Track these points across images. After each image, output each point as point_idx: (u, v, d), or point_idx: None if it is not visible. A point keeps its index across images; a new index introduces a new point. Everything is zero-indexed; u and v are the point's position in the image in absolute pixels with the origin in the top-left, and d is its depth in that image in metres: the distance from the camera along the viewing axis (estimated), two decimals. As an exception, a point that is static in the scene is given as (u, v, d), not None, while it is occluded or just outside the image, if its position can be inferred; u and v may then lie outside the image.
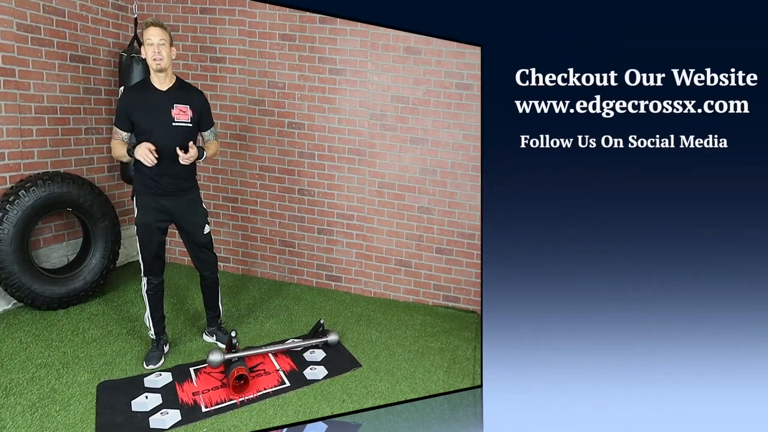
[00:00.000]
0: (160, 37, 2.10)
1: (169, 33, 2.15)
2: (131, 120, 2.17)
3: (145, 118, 2.15)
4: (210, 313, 2.59)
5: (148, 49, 2.11)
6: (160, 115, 2.17)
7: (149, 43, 2.10)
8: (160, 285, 2.37)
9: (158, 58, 2.10)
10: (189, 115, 2.22)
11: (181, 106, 2.21)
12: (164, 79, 2.19)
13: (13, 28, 2.67)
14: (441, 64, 3.08)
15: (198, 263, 2.45)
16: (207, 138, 2.38)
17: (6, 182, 2.69)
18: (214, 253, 2.48)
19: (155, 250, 2.29)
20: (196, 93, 2.30)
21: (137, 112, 2.16)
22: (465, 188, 3.17)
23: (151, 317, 2.37)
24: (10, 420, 1.85)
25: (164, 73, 2.17)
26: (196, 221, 2.35)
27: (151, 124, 2.15)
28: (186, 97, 2.24)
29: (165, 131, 2.17)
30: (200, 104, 2.28)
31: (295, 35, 3.26)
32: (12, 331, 2.52)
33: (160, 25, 2.12)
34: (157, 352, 2.37)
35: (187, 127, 2.23)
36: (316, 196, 3.41)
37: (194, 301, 3.04)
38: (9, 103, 2.69)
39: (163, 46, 2.11)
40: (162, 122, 2.17)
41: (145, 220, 2.25)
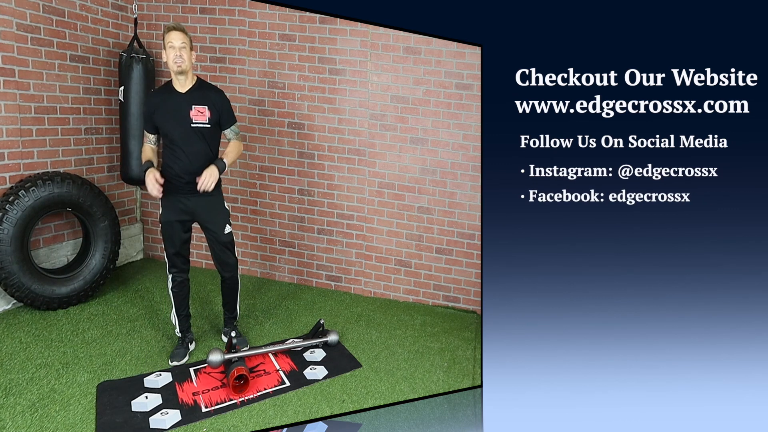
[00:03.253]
0: (182, 40, 2.16)
1: (189, 36, 2.21)
2: (154, 122, 2.24)
3: (165, 121, 2.22)
4: (227, 314, 2.61)
5: (169, 53, 2.16)
6: (179, 117, 2.22)
7: (171, 47, 2.15)
8: (184, 282, 2.41)
9: (179, 61, 2.16)
10: (207, 116, 2.26)
11: (199, 107, 2.25)
12: (185, 82, 2.24)
13: (13, 28, 2.67)
14: (441, 64, 3.09)
15: (218, 264, 2.47)
16: (228, 137, 2.41)
17: (6, 182, 2.69)
18: (235, 256, 2.50)
19: (178, 247, 2.34)
20: (214, 91, 2.33)
21: (158, 115, 2.23)
22: (465, 188, 3.17)
23: (176, 315, 2.43)
24: (10, 420, 1.85)
25: (185, 76, 2.22)
26: (218, 220, 2.38)
27: (170, 126, 2.22)
28: (204, 97, 2.27)
29: (184, 133, 2.22)
30: (219, 102, 2.31)
31: (295, 35, 3.26)
32: (12, 331, 2.52)
33: (182, 29, 2.18)
34: (182, 350, 2.41)
35: (206, 128, 2.27)
36: (316, 196, 3.41)
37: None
38: (9, 103, 2.69)
39: (184, 49, 2.17)
40: (181, 124, 2.22)
41: (168, 218, 2.30)
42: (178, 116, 2.22)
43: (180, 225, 2.31)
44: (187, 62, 2.19)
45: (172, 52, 2.15)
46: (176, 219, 2.30)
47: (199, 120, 2.24)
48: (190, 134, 2.23)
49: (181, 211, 2.30)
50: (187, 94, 2.25)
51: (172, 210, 2.30)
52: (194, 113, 2.24)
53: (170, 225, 2.30)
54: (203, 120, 2.25)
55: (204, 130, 2.26)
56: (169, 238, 2.32)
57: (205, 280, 3.38)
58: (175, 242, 2.32)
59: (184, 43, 2.16)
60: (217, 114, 2.29)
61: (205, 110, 2.26)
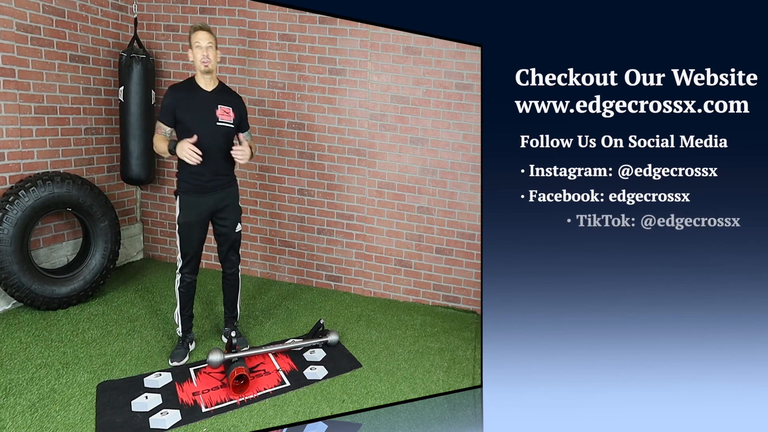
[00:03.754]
0: (208, 40, 2.20)
1: (215, 36, 2.25)
2: (176, 116, 2.23)
3: (190, 116, 2.23)
4: (228, 313, 2.62)
5: (196, 52, 2.20)
6: (205, 114, 2.24)
7: (197, 46, 2.19)
8: (192, 284, 2.42)
9: (206, 60, 2.20)
10: (231, 116, 2.31)
11: (225, 108, 2.29)
12: (209, 81, 2.28)
13: (13, 28, 2.67)
14: (441, 64, 3.09)
15: (223, 260, 2.51)
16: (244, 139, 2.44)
17: (6, 182, 2.69)
18: (239, 254, 2.54)
19: (196, 248, 2.35)
20: (236, 96, 2.39)
21: (183, 110, 2.22)
22: (465, 188, 3.17)
23: (180, 314, 2.43)
24: (10, 420, 1.85)
25: (210, 75, 2.27)
26: (233, 216, 2.42)
27: (195, 122, 2.23)
28: (229, 99, 2.33)
29: (208, 130, 2.24)
30: (241, 107, 2.38)
31: (295, 35, 3.26)
32: (12, 331, 2.52)
33: (208, 29, 2.22)
34: (182, 350, 2.41)
35: (229, 127, 2.31)
36: (316, 196, 3.41)
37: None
38: (9, 103, 2.69)
39: (210, 49, 2.21)
40: (206, 121, 2.24)
41: (187, 219, 2.30)
42: (203, 113, 2.24)
43: (199, 225, 2.32)
44: (213, 62, 2.23)
45: (199, 52, 2.19)
46: (195, 219, 2.30)
47: (225, 120, 2.28)
48: (214, 132, 2.26)
49: (200, 210, 2.31)
50: (213, 93, 2.28)
51: (190, 210, 2.30)
52: (220, 112, 2.27)
53: (189, 226, 2.30)
54: (228, 120, 2.30)
55: (227, 130, 2.30)
56: (187, 239, 2.32)
57: (205, 279, 3.37)
58: (193, 243, 2.33)
59: (210, 43, 2.20)
60: (239, 117, 2.35)
61: (230, 111, 2.30)
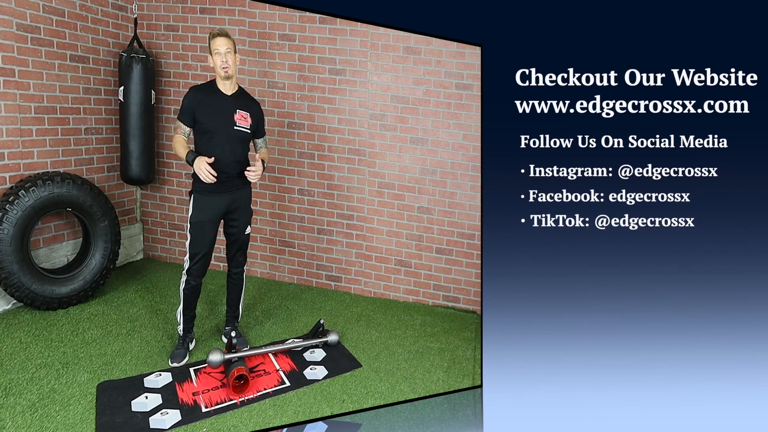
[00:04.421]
0: (227, 46, 2.22)
1: (233, 40, 2.27)
2: (195, 117, 2.25)
3: (209, 118, 2.24)
4: (230, 311, 2.62)
5: (216, 58, 2.23)
6: (223, 118, 2.27)
7: (217, 53, 2.22)
8: (198, 287, 2.42)
9: (226, 66, 2.23)
10: (249, 122, 2.34)
11: (243, 113, 2.32)
12: (229, 85, 2.31)
13: (13, 28, 2.67)
14: (441, 64, 3.09)
15: (230, 260, 2.53)
16: (260, 146, 2.50)
17: (6, 182, 2.69)
18: (246, 255, 2.57)
19: (207, 248, 2.35)
20: (255, 102, 2.42)
21: (202, 111, 2.24)
22: (465, 188, 3.17)
23: (183, 314, 2.43)
24: (10, 420, 1.85)
25: (230, 80, 2.29)
26: (245, 218, 2.44)
27: (214, 125, 2.25)
28: (248, 105, 2.36)
29: (226, 133, 2.27)
30: (258, 113, 2.40)
31: (295, 35, 3.26)
32: (12, 331, 2.52)
33: (227, 35, 2.24)
34: (182, 350, 2.41)
35: (246, 132, 2.33)
36: (315, 196, 3.41)
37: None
38: (9, 103, 2.69)
39: (229, 54, 2.23)
40: (224, 124, 2.27)
41: (200, 219, 2.31)
42: (222, 116, 2.26)
43: (211, 225, 2.33)
44: (233, 67, 2.25)
45: (219, 58, 2.22)
46: (208, 219, 2.31)
47: (242, 124, 2.31)
48: (231, 136, 2.28)
49: (213, 210, 2.32)
50: (232, 97, 2.31)
51: (203, 210, 2.30)
52: (238, 117, 2.30)
53: (201, 225, 2.31)
54: (246, 125, 2.32)
55: (243, 135, 2.32)
56: (199, 239, 2.32)
57: (206, 279, 3.35)
58: (204, 242, 2.33)
59: (229, 49, 2.23)
60: (255, 123, 2.37)
61: (248, 116, 2.33)
